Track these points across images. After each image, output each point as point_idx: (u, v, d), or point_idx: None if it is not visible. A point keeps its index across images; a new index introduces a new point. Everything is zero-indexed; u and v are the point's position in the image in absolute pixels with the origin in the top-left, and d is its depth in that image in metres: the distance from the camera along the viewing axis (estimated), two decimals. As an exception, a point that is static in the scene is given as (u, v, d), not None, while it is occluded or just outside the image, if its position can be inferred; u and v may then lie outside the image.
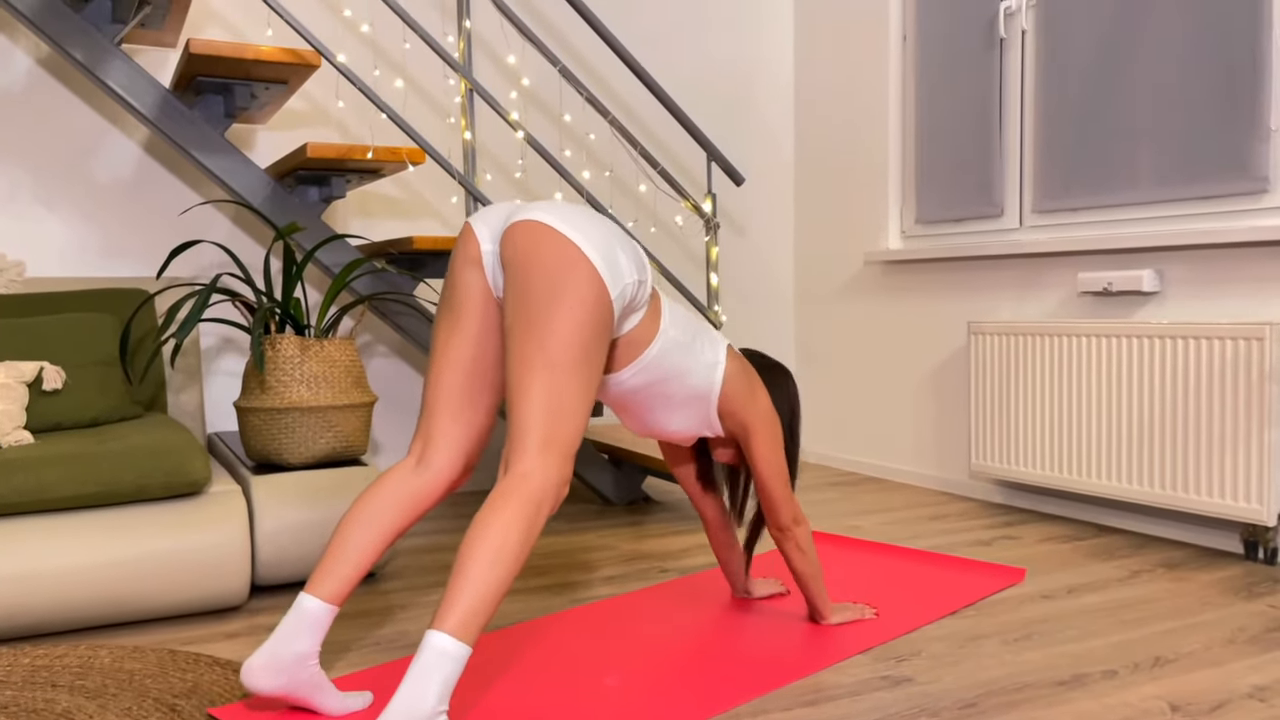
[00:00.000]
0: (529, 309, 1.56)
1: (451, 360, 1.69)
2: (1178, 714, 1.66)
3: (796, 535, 2.02)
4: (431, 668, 1.37)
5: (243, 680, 1.58)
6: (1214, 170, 2.76)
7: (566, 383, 1.54)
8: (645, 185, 4.02)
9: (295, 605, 1.62)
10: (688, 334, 1.86)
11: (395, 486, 1.69)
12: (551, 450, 1.53)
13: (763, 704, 1.72)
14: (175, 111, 2.68)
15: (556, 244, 1.58)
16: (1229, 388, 2.58)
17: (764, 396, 1.98)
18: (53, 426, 2.49)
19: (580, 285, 1.56)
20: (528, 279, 1.57)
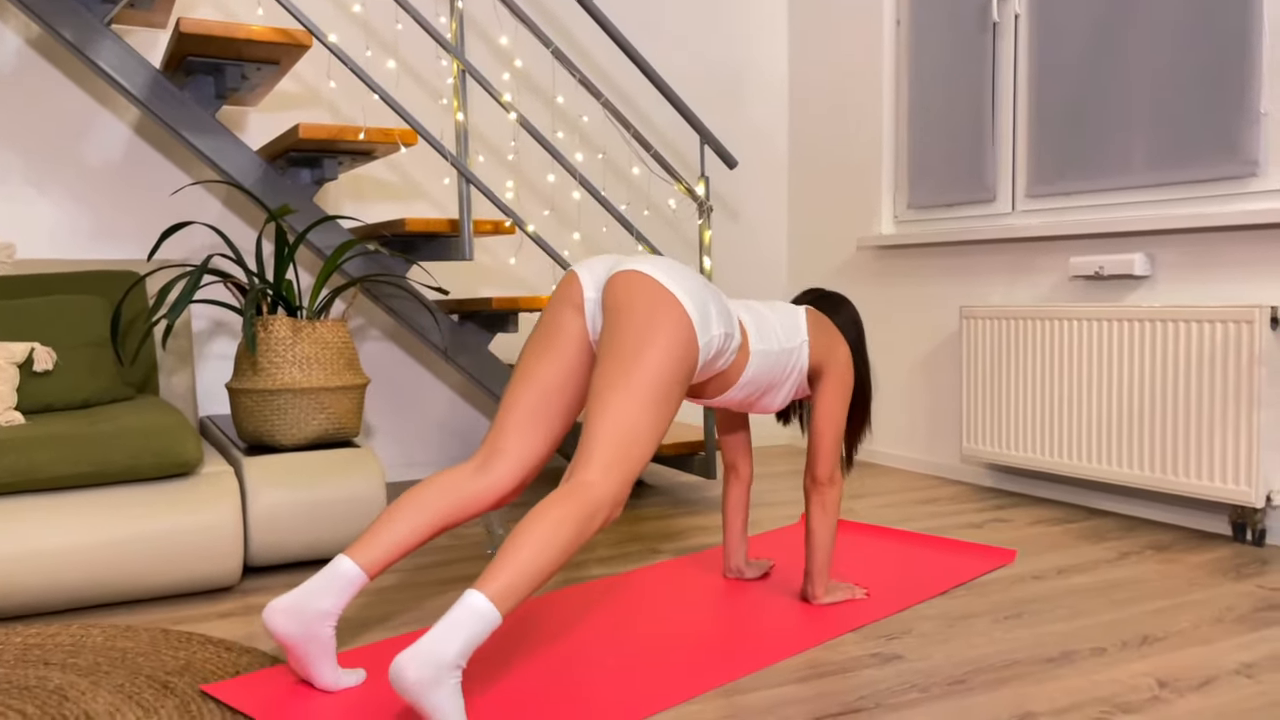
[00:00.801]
0: (622, 343, 1.68)
1: (533, 382, 1.81)
2: (1165, 690, 1.68)
3: (828, 494, 2.08)
4: (463, 622, 1.41)
5: (263, 617, 1.63)
6: (1204, 154, 2.77)
7: (642, 412, 1.65)
8: (638, 168, 4.01)
9: (331, 564, 1.67)
10: (773, 337, 2.02)
11: (453, 484, 1.77)
12: (616, 470, 1.61)
13: (754, 680, 1.73)
14: (166, 92, 2.67)
15: (655, 290, 1.73)
16: (1218, 371, 2.60)
17: (843, 350, 2.12)
18: (43, 408, 2.48)
19: (672, 330, 1.70)
20: (625, 318, 1.71)
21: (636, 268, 1.76)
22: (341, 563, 1.66)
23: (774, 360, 2.01)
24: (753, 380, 1.99)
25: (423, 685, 1.36)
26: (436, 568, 2.48)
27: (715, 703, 1.64)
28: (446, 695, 1.38)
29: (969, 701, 1.63)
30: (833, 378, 2.09)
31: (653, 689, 1.68)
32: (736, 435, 2.31)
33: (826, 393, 2.09)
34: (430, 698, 1.36)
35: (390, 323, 3.60)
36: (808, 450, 2.11)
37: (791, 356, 2.04)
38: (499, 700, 1.63)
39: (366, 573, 1.67)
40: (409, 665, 1.36)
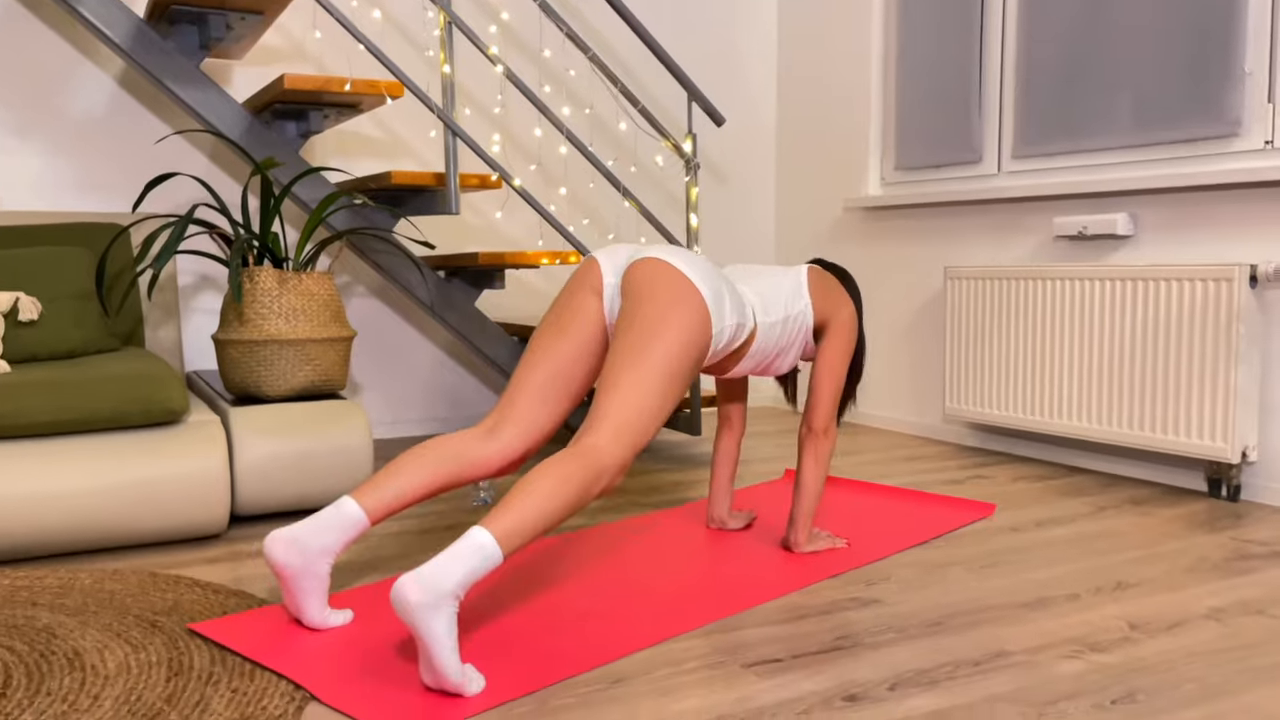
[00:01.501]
0: (639, 324, 1.75)
1: (548, 356, 1.86)
2: (1136, 631, 1.72)
3: (821, 444, 2.12)
4: (466, 555, 1.44)
5: (265, 546, 1.67)
6: (1188, 114, 2.79)
7: (654, 387, 1.71)
8: (625, 123, 4.00)
9: (337, 503, 1.71)
10: (778, 307, 2.08)
11: (462, 445, 1.82)
12: (623, 438, 1.66)
13: (736, 621, 1.76)
14: (149, 41, 2.65)
15: (674, 277, 1.81)
16: (1198, 329, 2.63)
17: (848, 308, 2.17)
18: (29, 358, 2.48)
19: (688, 316, 1.77)
20: (643, 302, 1.78)
21: (658, 256, 1.84)
22: (347, 504, 1.70)
23: (781, 329, 2.08)
24: (761, 350, 2.06)
25: (423, 608, 1.38)
26: (429, 530, 2.50)
27: (696, 641, 1.67)
28: (443, 622, 1.40)
29: (944, 641, 1.67)
30: (837, 333, 2.15)
31: (635, 628, 1.71)
32: (731, 382, 2.34)
33: (830, 347, 2.14)
34: (427, 621, 1.39)
35: (377, 280, 3.60)
36: (807, 400, 2.16)
37: (797, 321, 2.11)
38: (486, 637, 1.65)
39: (369, 517, 1.71)
40: (412, 588, 1.39)
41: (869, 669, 1.56)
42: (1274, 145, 2.61)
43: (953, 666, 1.57)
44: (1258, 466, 2.64)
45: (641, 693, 1.47)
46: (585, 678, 1.52)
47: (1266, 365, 2.61)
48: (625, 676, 1.53)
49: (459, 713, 1.39)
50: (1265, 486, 2.62)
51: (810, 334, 2.15)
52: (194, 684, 1.48)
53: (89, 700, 1.42)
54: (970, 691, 1.48)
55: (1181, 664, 1.58)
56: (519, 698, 1.45)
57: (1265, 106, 2.62)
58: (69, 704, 1.41)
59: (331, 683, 1.48)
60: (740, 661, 1.59)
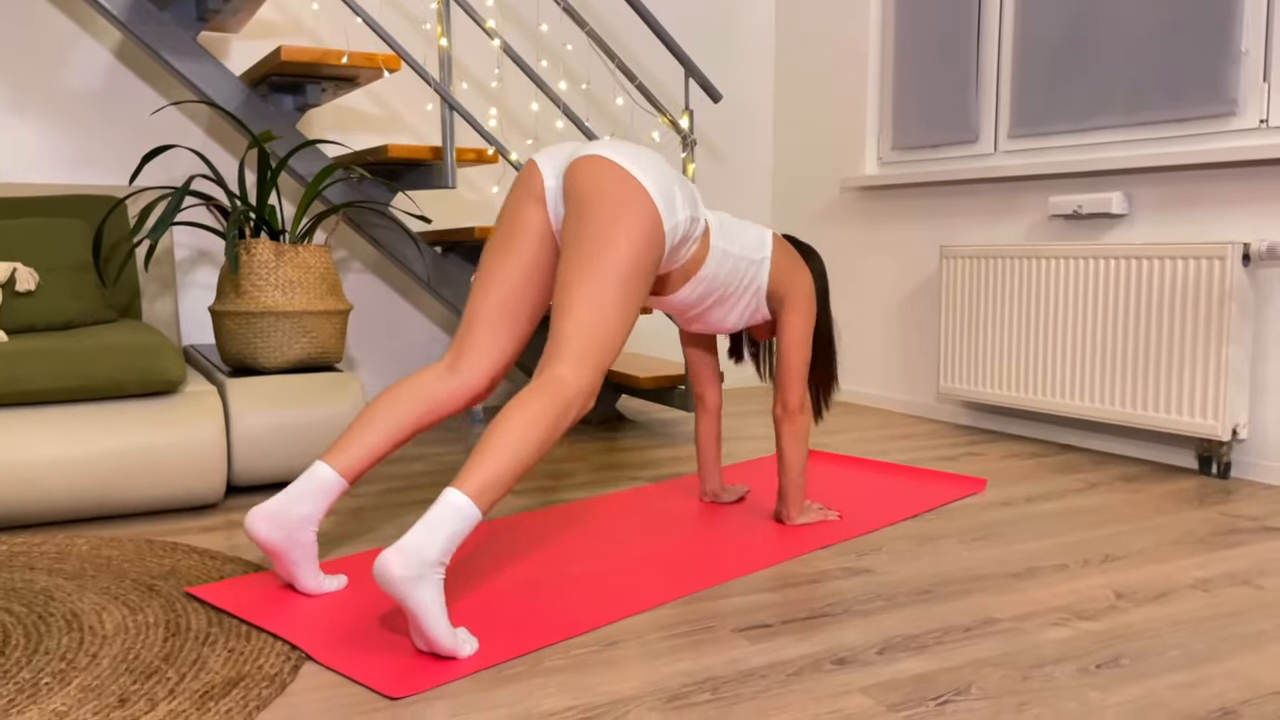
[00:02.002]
0: (586, 233, 1.65)
1: (498, 281, 1.78)
2: (1123, 600, 1.74)
3: (799, 421, 2.10)
4: (444, 520, 1.42)
5: (246, 524, 1.65)
6: (1185, 93, 2.79)
7: (611, 301, 1.63)
8: (622, 99, 4.00)
9: (309, 470, 1.69)
10: (735, 240, 2.01)
11: (424, 385, 1.77)
12: (587, 360, 1.61)
13: (727, 588, 1.78)
14: (146, 13, 2.65)
15: (617, 176, 1.69)
16: (1190, 307, 2.64)
17: (805, 278, 2.11)
18: (25, 328, 2.49)
19: (637, 215, 1.67)
20: (589, 205, 1.67)
21: (598, 152, 1.72)
22: (319, 468, 1.68)
23: (733, 264, 1.99)
24: (711, 279, 1.97)
25: (407, 581, 1.38)
26: (413, 490, 2.52)
27: (688, 607, 1.69)
28: (429, 591, 1.40)
29: (934, 609, 1.69)
30: (796, 306, 2.09)
31: (627, 594, 1.72)
32: (703, 361, 2.31)
33: (791, 321, 2.09)
34: (414, 593, 1.39)
35: (373, 255, 3.60)
36: (776, 380, 2.12)
37: (751, 269, 2.03)
38: (480, 601, 1.67)
39: (344, 478, 1.69)
40: (394, 563, 1.38)
41: (858, 634, 1.58)
42: (1269, 124, 2.61)
43: (941, 632, 1.59)
44: (1248, 444, 2.66)
45: (633, 655, 1.49)
46: (578, 640, 1.54)
47: (1258, 343, 2.62)
48: (617, 640, 1.55)
49: (453, 673, 1.40)
50: (1255, 464, 2.64)
51: (764, 295, 2.08)
52: (191, 644, 1.49)
53: (87, 659, 1.44)
54: (957, 656, 1.50)
55: (1166, 631, 1.60)
56: (512, 659, 1.47)
57: (1261, 85, 2.62)
58: (67, 662, 1.43)
59: (327, 644, 1.49)
60: (731, 626, 1.60)
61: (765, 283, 2.07)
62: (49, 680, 1.37)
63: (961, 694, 1.37)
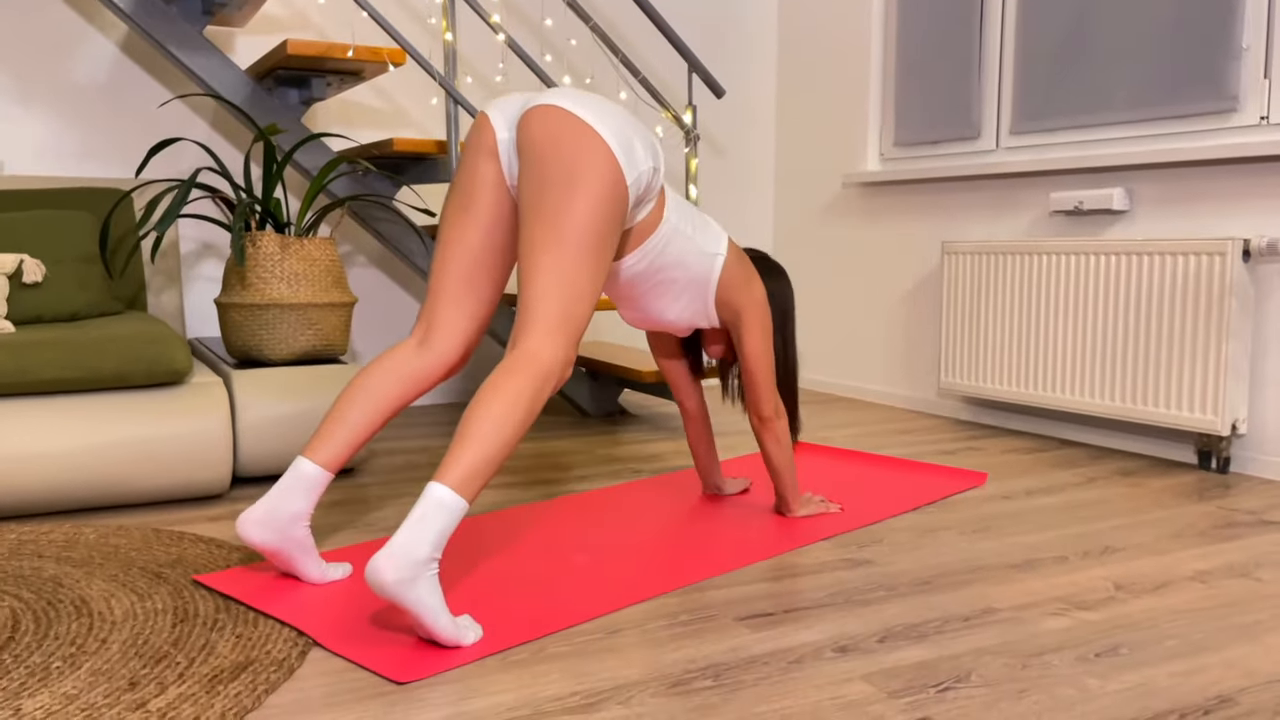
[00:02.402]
0: (545, 193, 1.57)
1: (459, 247, 1.71)
2: (1121, 591, 1.75)
3: (776, 427, 2.08)
4: (430, 516, 1.41)
5: (237, 530, 1.64)
6: (1186, 89, 2.80)
7: (578, 265, 1.56)
8: (626, 94, 4.01)
9: (292, 466, 1.68)
10: (690, 224, 1.91)
11: (396, 364, 1.73)
12: (560, 330, 1.55)
13: (727, 579, 1.79)
14: (153, 7, 2.66)
15: (574, 129, 1.58)
16: (1190, 302, 2.65)
17: (759, 288, 2.03)
18: (33, 319, 2.51)
19: (597, 170, 1.57)
20: (545, 163, 1.57)
21: (551, 102, 1.62)
22: (302, 464, 1.67)
23: (682, 246, 1.89)
24: (659, 254, 1.86)
25: (401, 585, 1.37)
26: (409, 469, 2.53)
27: (689, 597, 1.70)
28: (426, 589, 1.39)
29: (934, 599, 1.70)
30: (750, 320, 2.01)
31: (630, 583, 1.74)
32: (677, 368, 2.26)
33: (749, 333, 2.02)
34: (410, 595, 1.38)
35: (377, 249, 3.61)
36: (745, 394, 2.07)
37: (703, 261, 1.94)
38: (484, 589, 1.69)
39: (328, 469, 1.68)
40: (385, 567, 1.36)
41: (859, 623, 1.59)
42: (1270, 120, 2.63)
43: (941, 622, 1.60)
44: (1247, 439, 2.67)
45: (636, 643, 1.51)
46: (581, 628, 1.56)
47: (1258, 339, 2.63)
48: (620, 628, 1.56)
49: (458, 659, 1.42)
50: (1254, 459, 2.65)
51: (711, 296, 1.98)
52: (199, 630, 1.51)
53: (96, 644, 1.46)
54: (957, 644, 1.51)
55: (1165, 621, 1.61)
56: (516, 646, 1.48)
57: (1261, 82, 2.64)
58: (77, 647, 1.44)
59: (333, 630, 1.51)
60: (732, 615, 1.62)
61: (714, 282, 1.97)
62: (60, 664, 1.39)
63: (962, 681, 1.39)
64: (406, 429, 3.24)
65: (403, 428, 3.27)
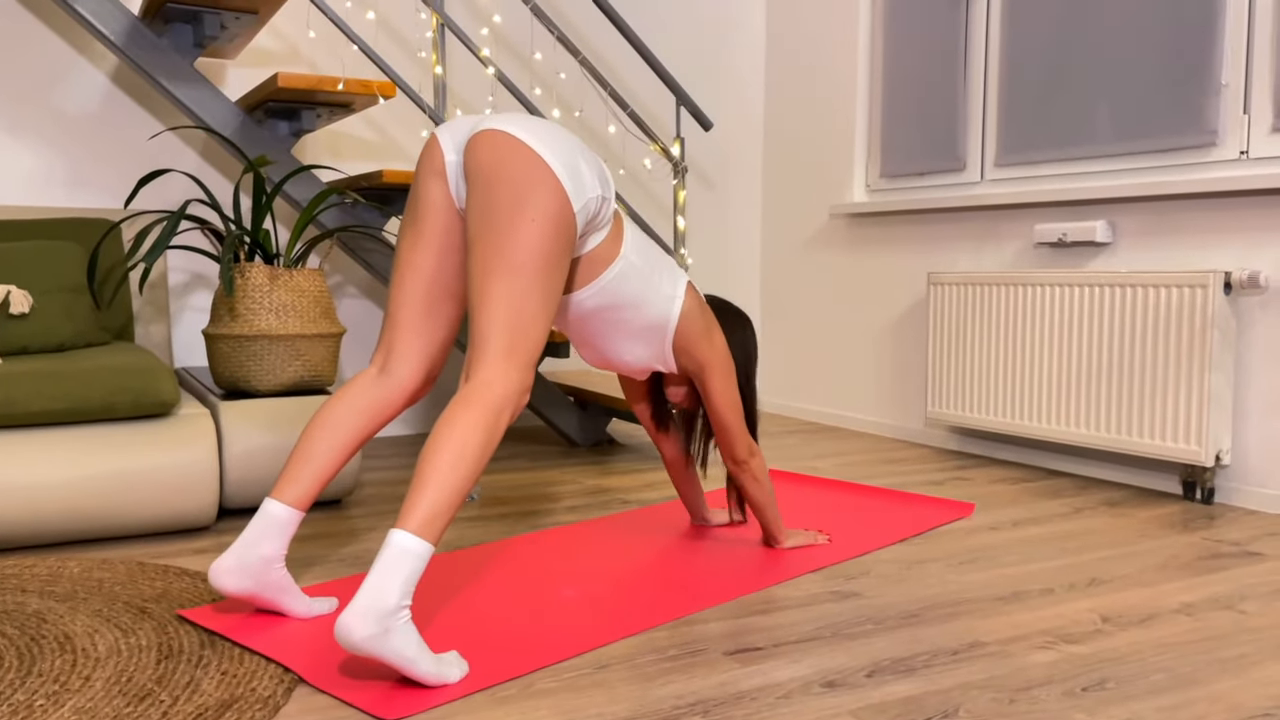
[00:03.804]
0: (492, 219, 1.55)
1: (414, 271, 1.70)
2: (1108, 624, 1.76)
3: (752, 467, 2.08)
4: (395, 564, 1.39)
5: (211, 581, 1.63)
6: (1166, 124, 2.84)
7: (528, 292, 1.54)
8: (614, 127, 4.04)
9: (261, 510, 1.66)
10: (648, 263, 1.87)
11: (358, 395, 1.72)
12: (513, 358, 1.54)
13: (716, 612, 1.79)
14: (144, 39, 2.68)
15: (520, 155, 1.57)
16: (1174, 334, 2.68)
17: (720, 337, 2.02)
18: (19, 350, 2.50)
19: (543, 196, 1.56)
20: (491, 189, 1.56)
21: (497, 127, 1.61)
22: (271, 506, 1.66)
23: (640, 286, 1.85)
24: (612, 291, 1.82)
25: (373, 640, 1.35)
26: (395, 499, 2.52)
27: (677, 630, 1.70)
28: (399, 640, 1.37)
29: (921, 632, 1.71)
30: (713, 369, 1.98)
31: (618, 617, 1.74)
32: (647, 410, 2.24)
33: (712, 383, 1.99)
34: (384, 648, 1.36)
35: (366, 280, 3.62)
36: (718, 440, 2.06)
37: (660, 303, 1.90)
38: (471, 624, 1.68)
39: (298, 508, 1.67)
40: (354, 626, 1.34)
41: (847, 657, 1.59)
42: (1249, 155, 2.67)
43: (929, 655, 1.60)
44: (1231, 469, 2.69)
45: (624, 678, 1.50)
46: (570, 663, 1.55)
47: (1240, 370, 2.66)
48: (608, 662, 1.56)
49: (445, 695, 1.41)
50: (1238, 489, 2.67)
51: (669, 345, 1.95)
52: (184, 666, 1.50)
53: (80, 681, 1.44)
54: (945, 679, 1.51)
55: (1151, 654, 1.62)
56: (504, 682, 1.48)
57: (1241, 118, 2.68)
58: (60, 684, 1.43)
59: (319, 666, 1.50)
60: (721, 649, 1.62)
61: (672, 327, 1.94)
62: (43, 702, 1.37)
63: (949, 716, 1.39)
64: (388, 458, 3.23)
65: (385, 457, 3.26)
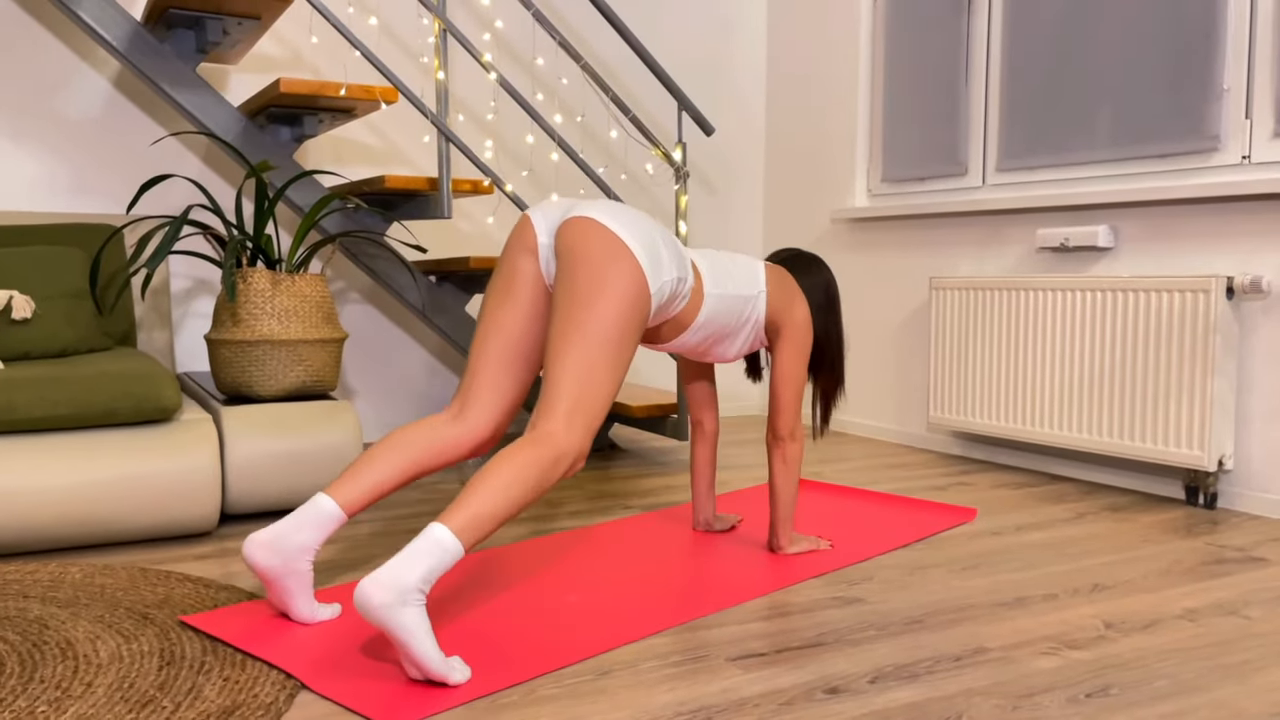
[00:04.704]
0: (574, 292, 1.70)
1: (498, 330, 1.84)
2: (1111, 630, 1.75)
3: (789, 448, 2.13)
4: (425, 552, 1.45)
5: (244, 550, 1.67)
6: (1168, 129, 2.84)
7: (599, 359, 1.68)
8: (616, 131, 4.04)
9: (311, 500, 1.71)
10: (730, 282, 2.04)
11: (430, 429, 1.82)
12: (577, 417, 1.65)
13: (719, 618, 1.79)
14: (146, 45, 2.68)
15: (605, 238, 1.73)
16: (1176, 339, 2.68)
17: (800, 307, 2.15)
18: (21, 356, 2.50)
19: (623, 276, 1.71)
20: (576, 267, 1.72)
21: (588, 214, 1.77)
22: (321, 500, 1.70)
23: (729, 305, 2.03)
24: (708, 323, 2.02)
25: (387, 608, 1.39)
26: (411, 519, 2.52)
27: (680, 636, 1.70)
28: (411, 615, 1.41)
29: (924, 639, 1.70)
30: (789, 336, 2.13)
31: (620, 623, 1.73)
32: (701, 388, 2.35)
33: (784, 351, 2.13)
34: (396, 618, 1.40)
35: (369, 285, 3.62)
36: (769, 405, 2.15)
37: (748, 305, 2.07)
38: (474, 630, 1.68)
39: (345, 511, 1.71)
40: (373, 590, 1.40)
41: (850, 663, 1.59)
42: (1251, 160, 2.66)
43: (932, 661, 1.60)
44: (1234, 474, 2.69)
45: (627, 684, 1.50)
46: (571, 670, 1.55)
47: (1242, 375, 2.66)
48: (611, 669, 1.56)
49: (447, 701, 1.41)
50: (1241, 494, 2.67)
51: (762, 326, 2.13)
52: (186, 673, 1.50)
53: (82, 687, 1.44)
54: (948, 685, 1.51)
55: (1155, 661, 1.61)
56: (506, 688, 1.48)
57: (1243, 122, 2.68)
58: (62, 691, 1.43)
59: (322, 672, 1.50)
60: (724, 656, 1.62)
61: (763, 314, 2.11)
62: (45, 709, 1.37)
63: (952, 723, 1.38)
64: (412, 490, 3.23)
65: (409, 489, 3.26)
